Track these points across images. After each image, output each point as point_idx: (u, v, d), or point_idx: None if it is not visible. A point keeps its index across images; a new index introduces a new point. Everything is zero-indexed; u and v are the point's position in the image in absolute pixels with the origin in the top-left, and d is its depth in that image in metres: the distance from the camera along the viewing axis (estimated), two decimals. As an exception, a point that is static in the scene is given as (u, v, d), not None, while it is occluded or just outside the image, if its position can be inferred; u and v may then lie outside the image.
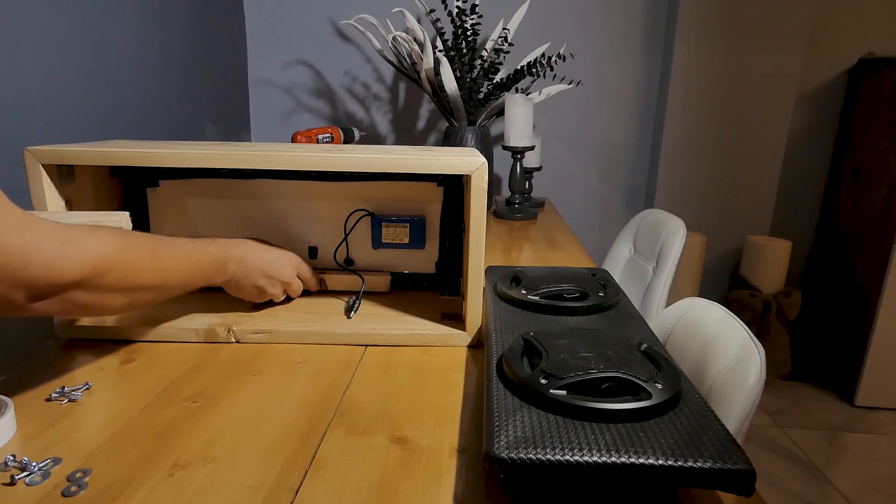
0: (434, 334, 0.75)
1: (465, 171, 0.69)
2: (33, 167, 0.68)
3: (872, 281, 1.98)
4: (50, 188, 0.70)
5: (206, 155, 0.69)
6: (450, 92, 1.54)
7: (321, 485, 0.47)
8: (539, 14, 1.98)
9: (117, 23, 1.40)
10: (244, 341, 0.74)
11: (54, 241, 0.47)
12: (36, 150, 0.68)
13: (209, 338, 0.74)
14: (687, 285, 2.09)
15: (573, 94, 2.05)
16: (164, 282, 0.61)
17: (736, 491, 0.40)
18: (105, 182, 0.83)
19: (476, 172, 0.68)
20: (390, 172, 0.87)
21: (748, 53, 1.99)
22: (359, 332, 0.74)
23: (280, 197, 0.89)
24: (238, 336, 0.74)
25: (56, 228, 0.48)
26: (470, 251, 0.72)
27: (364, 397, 0.61)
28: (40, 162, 0.68)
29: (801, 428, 1.94)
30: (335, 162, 0.69)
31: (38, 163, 0.68)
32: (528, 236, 1.44)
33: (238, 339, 0.74)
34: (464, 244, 0.78)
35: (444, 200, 0.88)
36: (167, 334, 0.74)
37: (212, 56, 1.89)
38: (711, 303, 0.82)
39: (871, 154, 2.03)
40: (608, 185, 2.24)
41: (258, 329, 0.74)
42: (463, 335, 0.75)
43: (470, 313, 0.74)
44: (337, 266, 0.90)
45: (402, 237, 0.87)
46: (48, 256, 0.46)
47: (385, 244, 0.88)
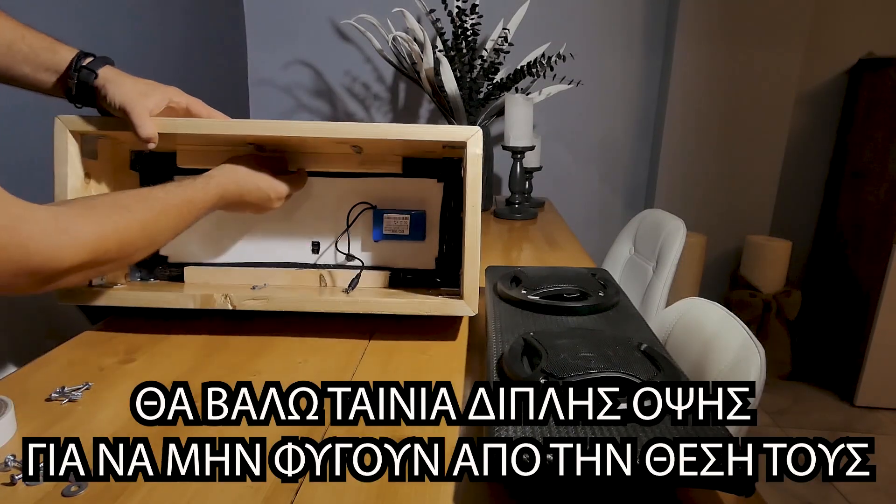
0: (433, 303, 0.76)
1: (462, 138, 0.76)
2: (61, 134, 0.72)
3: (872, 281, 1.98)
4: (74, 158, 0.74)
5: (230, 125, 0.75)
6: (450, 92, 1.54)
7: (321, 484, 0.47)
8: (539, 14, 1.98)
9: (117, 23, 1.40)
10: (241, 307, 0.75)
11: (52, 232, 0.49)
12: (66, 118, 0.73)
13: (206, 304, 0.75)
14: (687, 285, 2.09)
15: (573, 94, 2.05)
16: (157, 241, 0.64)
17: (736, 491, 0.40)
18: (123, 171, 0.85)
19: (472, 138, 0.76)
20: (393, 172, 0.90)
21: (748, 53, 1.99)
22: (358, 301, 0.75)
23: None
24: (235, 302, 0.75)
25: (53, 217, 0.49)
26: (467, 212, 0.75)
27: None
28: (68, 128, 0.73)
29: (801, 428, 1.94)
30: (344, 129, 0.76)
31: (67, 129, 0.72)
32: (528, 236, 1.44)
33: (234, 305, 0.75)
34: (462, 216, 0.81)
35: (443, 196, 0.89)
36: (165, 301, 0.75)
37: (212, 56, 1.89)
38: (711, 303, 0.82)
39: (871, 154, 2.03)
40: (608, 185, 2.23)
41: (256, 296, 0.75)
42: (461, 304, 0.75)
43: (467, 284, 0.75)
44: (336, 263, 0.91)
45: (403, 228, 0.89)
46: (46, 248, 0.48)
47: (387, 235, 0.89)
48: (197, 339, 0.75)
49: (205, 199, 0.69)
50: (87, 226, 0.52)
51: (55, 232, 0.49)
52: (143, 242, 0.60)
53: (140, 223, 0.59)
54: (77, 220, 0.52)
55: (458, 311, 0.76)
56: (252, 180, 0.75)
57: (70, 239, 0.50)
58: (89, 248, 0.52)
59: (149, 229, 0.60)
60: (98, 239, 0.53)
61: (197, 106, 0.77)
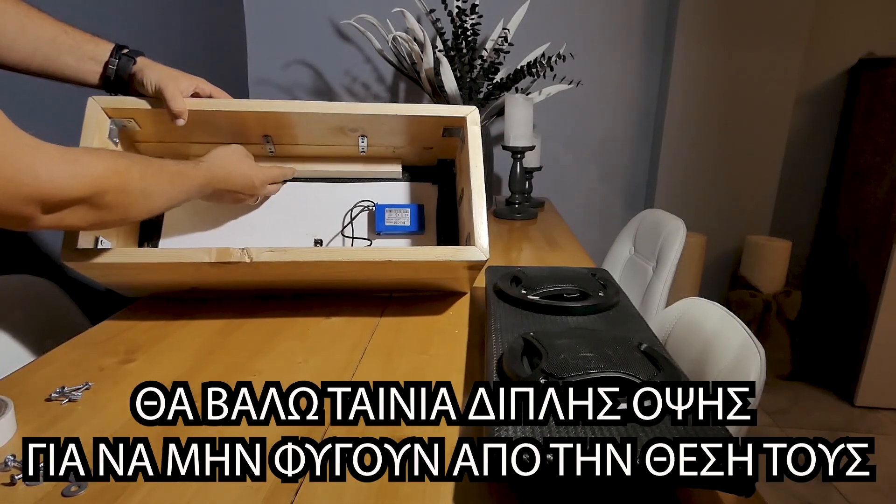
0: (448, 250, 0.77)
1: (462, 114, 0.83)
2: (94, 114, 0.78)
3: (872, 281, 1.98)
4: (102, 138, 0.79)
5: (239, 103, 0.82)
6: (450, 92, 1.54)
7: (321, 484, 0.47)
8: (539, 14, 1.98)
9: (117, 22, 1.40)
10: (258, 260, 0.74)
11: (60, 161, 0.53)
12: (99, 98, 0.79)
13: (222, 257, 0.73)
14: (687, 285, 2.09)
15: (573, 94, 2.05)
16: (152, 199, 0.67)
17: (736, 491, 0.40)
18: None
19: (470, 116, 0.84)
20: (392, 176, 0.94)
21: (748, 53, 1.99)
22: (378, 249, 0.76)
23: (288, 198, 0.93)
24: (252, 255, 0.74)
25: (61, 151, 0.54)
26: (472, 167, 0.79)
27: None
28: (101, 106, 0.78)
29: (801, 428, 1.94)
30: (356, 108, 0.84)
31: (99, 107, 0.78)
32: (528, 236, 1.44)
33: (252, 258, 0.74)
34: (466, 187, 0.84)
35: (438, 196, 0.94)
36: (182, 256, 0.74)
37: (212, 56, 1.89)
38: (711, 303, 0.82)
39: (871, 154, 2.03)
40: (608, 185, 2.23)
41: (273, 249, 0.74)
42: (474, 250, 0.76)
43: (478, 233, 0.77)
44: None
45: (404, 220, 0.92)
46: (56, 174, 0.52)
47: (388, 227, 0.91)
48: (197, 338, 0.75)
49: (196, 174, 0.75)
50: (93, 161, 0.57)
51: (64, 161, 0.53)
52: (139, 193, 0.63)
53: (140, 172, 0.63)
54: (84, 155, 0.57)
55: (470, 256, 0.76)
56: (239, 166, 0.83)
57: (80, 167, 0.55)
58: (95, 180, 0.56)
59: (147, 180, 0.65)
60: (103, 173, 0.57)
61: (220, 94, 0.85)
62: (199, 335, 0.76)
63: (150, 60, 0.81)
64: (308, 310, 0.84)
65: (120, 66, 0.77)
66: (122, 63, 0.77)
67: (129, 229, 0.87)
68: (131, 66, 0.78)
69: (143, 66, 0.79)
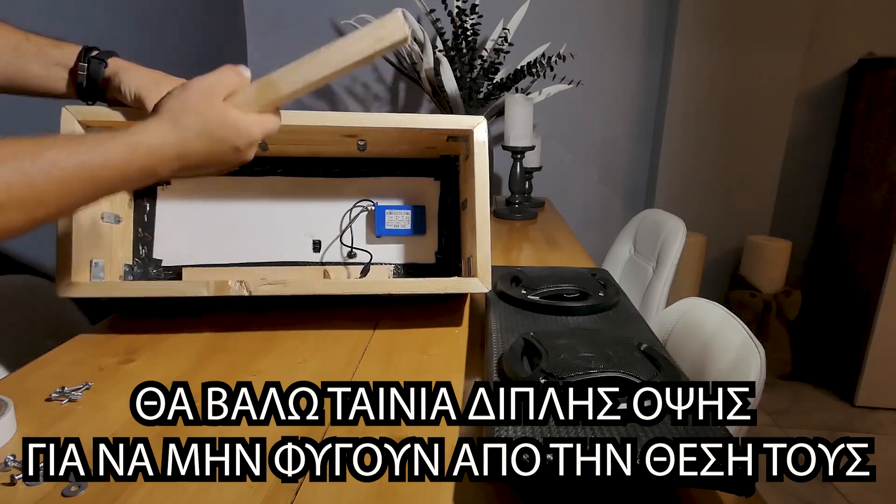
0: (448, 282, 0.77)
1: (469, 126, 0.79)
2: (69, 125, 0.71)
3: (872, 281, 1.98)
4: None
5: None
6: (450, 92, 1.54)
7: (321, 484, 0.47)
8: (539, 14, 1.98)
9: (116, 23, 1.40)
10: (257, 293, 0.73)
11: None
12: (73, 108, 0.72)
13: (220, 291, 0.72)
14: (687, 285, 2.09)
15: (573, 94, 2.05)
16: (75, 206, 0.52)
17: (736, 491, 0.40)
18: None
19: (478, 128, 0.80)
20: (391, 168, 0.92)
21: (748, 53, 1.99)
22: (376, 283, 0.76)
23: (287, 194, 0.91)
24: (250, 288, 0.73)
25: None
26: (477, 192, 0.77)
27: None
28: (76, 117, 0.71)
29: (801, 428, 1.94)
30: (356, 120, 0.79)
31: (75, 119, 0.71)
32: (528, 236, 1.44)
33: (250, 291, 0.73)
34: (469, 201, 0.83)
35: (440, 193, 0.92)
36: (179, 289, 0.73)
37: (212, 56, 1.89)
38: (711, 303, 0.82)
39: (871, 154, 2.03)
40: (608, 185, 2.23)
41: (271, 282, 0.73)
42: (475, 281, 0.76)
43: (480, 262, 0.75)
44: (340, 260, 0.92)
45: (404, 222, 0.91)
46: None
47: (388, 230, 0.90)
48: (197, 339, 0.75)
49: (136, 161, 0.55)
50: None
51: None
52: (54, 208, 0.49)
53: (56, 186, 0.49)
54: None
55: (473, 289, 0.76)
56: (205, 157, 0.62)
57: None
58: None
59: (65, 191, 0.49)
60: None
61: None
62: (199, 335, 0.76)
63: (126, 62, 0.71)
64: (308, 310, 0.84)
65: (91, 70, 0.69)
66: (93, 67, 0.69)
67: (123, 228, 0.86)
68: (103, 69, 0.69)
69: (119, 69, 0.70)
